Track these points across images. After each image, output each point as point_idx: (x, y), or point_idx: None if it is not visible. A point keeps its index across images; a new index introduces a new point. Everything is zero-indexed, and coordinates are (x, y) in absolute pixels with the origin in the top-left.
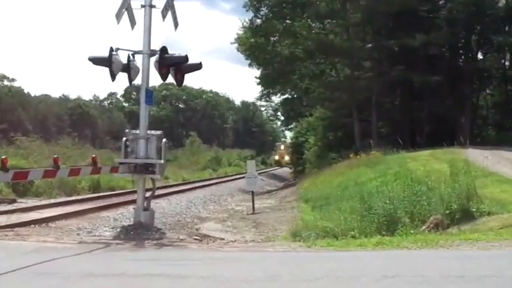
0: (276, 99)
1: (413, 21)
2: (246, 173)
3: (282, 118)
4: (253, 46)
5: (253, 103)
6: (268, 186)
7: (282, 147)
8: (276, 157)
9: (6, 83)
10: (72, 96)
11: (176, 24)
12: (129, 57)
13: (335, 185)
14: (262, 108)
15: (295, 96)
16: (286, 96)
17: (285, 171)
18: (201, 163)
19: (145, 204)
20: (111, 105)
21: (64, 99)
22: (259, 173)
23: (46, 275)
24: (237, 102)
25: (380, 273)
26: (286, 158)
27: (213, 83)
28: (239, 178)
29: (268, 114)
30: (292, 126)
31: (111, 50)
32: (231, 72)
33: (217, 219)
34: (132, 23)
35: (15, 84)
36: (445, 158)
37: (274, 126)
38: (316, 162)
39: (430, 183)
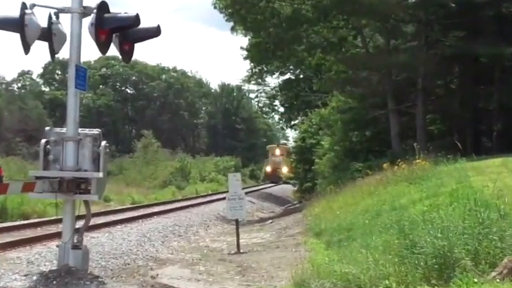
0: (273, 81)
1: None
2: (227, 192)
3: (282, 110)
4: (238, 0)
5: (239, 87)
6: (261, 212)
7: (278, 151)
8: (268, 168)
9: None
10: None
11: None
12: (50, 17)
13: (361, 210)
14: (252, 96)
15: (301, 76)
16: (287, 76)
17: (285, 189)
18: (159, 177)
19: (75, 240)
20: (23, 91)
21: None
22: (247, 193)
23: None
24: (214, 85)
25: None
26: (285, 169)
27: (179, 57)
28: (217, 200)
29: (261, 104)
30: (296, 121)
31: (24, 6)
32: (204, 41)
33: (184, 262)
34: None
35: None
36: None
37: (270, 121)
38: (333, 176)
39: (503, 208)
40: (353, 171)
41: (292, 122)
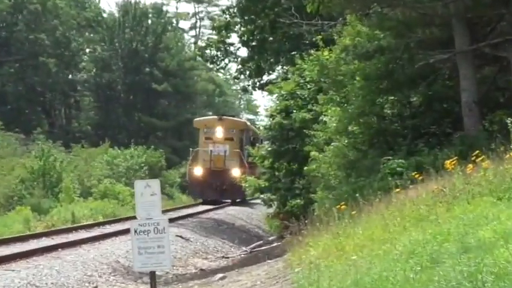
0: None
1: None
2: (133, 217)
3: (243, 54)
4: None
5: (158, 9)
6: (203, 258)
7: (220, 131)
8: (197, 169)
9: None
10: None
11: None
12: None
13: (401, 252)
14: (185, 26)
15: None
16: None
17: (250, 211)
18: None
19: None
20: None
21: None
22: (173, 219)
23: None
24: (109, 6)
25: None
26: (236, 171)
27: None
28: (114, 233)
29: (203, 43)
30: (272, 77)
31: None
32: None
33: None
34: None
35: None
36: None
37: (221, 77)
38: (346, 185)
39: None
40: (385, 174)
41: (265, 78)
